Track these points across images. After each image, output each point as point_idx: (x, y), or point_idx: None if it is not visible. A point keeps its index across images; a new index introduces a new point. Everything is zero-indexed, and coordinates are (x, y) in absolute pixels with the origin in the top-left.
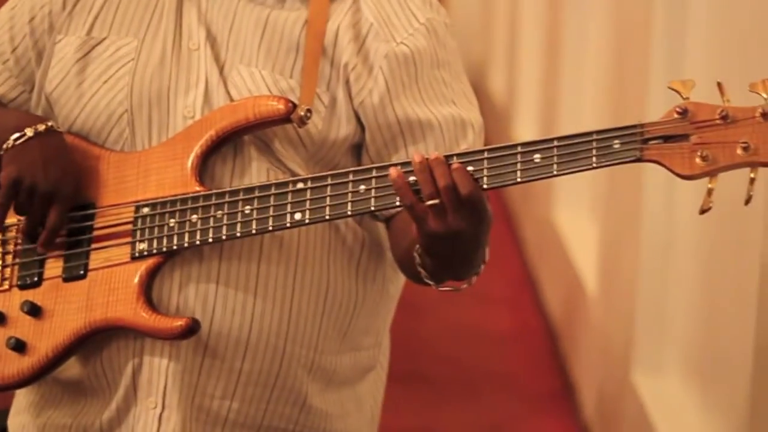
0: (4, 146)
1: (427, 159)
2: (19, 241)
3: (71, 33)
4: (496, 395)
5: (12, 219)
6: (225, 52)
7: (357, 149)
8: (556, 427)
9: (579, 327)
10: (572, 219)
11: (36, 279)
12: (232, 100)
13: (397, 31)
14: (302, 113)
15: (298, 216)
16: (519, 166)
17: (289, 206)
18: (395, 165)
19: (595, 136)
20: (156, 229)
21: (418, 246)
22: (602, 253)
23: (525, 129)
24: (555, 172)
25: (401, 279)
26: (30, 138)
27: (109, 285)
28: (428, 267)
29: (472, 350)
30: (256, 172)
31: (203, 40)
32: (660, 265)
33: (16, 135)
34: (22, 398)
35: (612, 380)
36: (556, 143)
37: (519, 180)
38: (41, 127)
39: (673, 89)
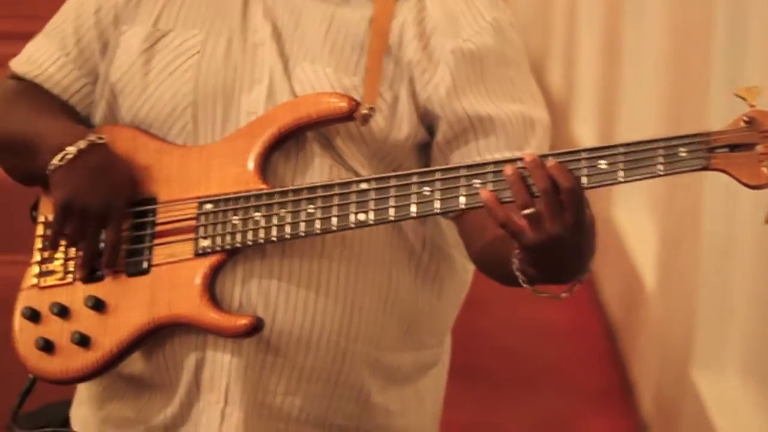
0: (50, 167)
1: (519, 169)
2: None
3: (137, 24)
4: (554, 391)
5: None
6: (289, 48)
7: (420, 148)
8: (614, 424)
9: (638, 324)
10: (631, 216)
11: (99, 273)
12: (295, 96)
13: (464, 28)
14: (365, 111)
15: (362, 216)
16: (585, 171)
17: (353, 206)
18: (460, 167)
19: (661, 144)
20: (219, 226)
21: (517, 251)
22: (661, 250)
23: (583, 124)
24: (621, 179)
25: (467, 278)
26: (74, 157)
27: (173, 281)
28: (529, 274)
29: (530, 345)
30: (319, 169)
31: (268, 35)
32: (720, 262)
33: (59, 155)
34: (84, 390)
35: (671, 378)
36: (621, 149)
37: (585, 185)
38: (82, 144)
39: (739, 96)
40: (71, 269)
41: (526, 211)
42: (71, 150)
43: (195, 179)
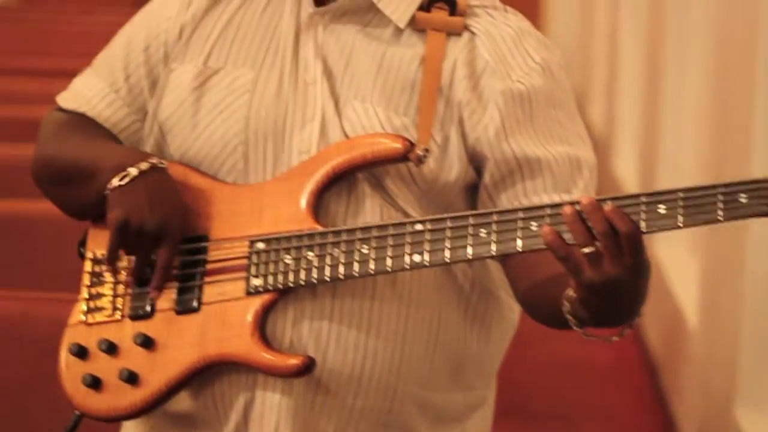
0: (109, 186)
1: (577, 208)
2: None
3: (187, 62)
4: (596, 429)
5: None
6: (340, 86)
7: (469, 189)
8: None
9: (680, 362)
10: (673, 253)
11: (148, 310)
12: (346, 136)
13: (513, 69)
14: (420, 153)
15: (417, 258)
16: (643, 216)
17: (407, 247)
18: (517, 210)
19: (721, 189)
20: (271, 265)
21: (569, 293)
22: (704, 287)
23: (624, 161)
24: (680, 224)
25: (514, 319)
26: (134, 178)
27: (223, 320)
28: (579, 316)
29: (572, 384)
30: (370, 209)
31: (320, 73)
32: (763, 300)
33: (121, 175)
34: (131, 428)
35: (714, 416)
36: (681, 195)
37: (644, 231)
38: (144, 166)
39: None
40: (120, 306)
41: (586, 250)
42: (132, 171)
43: (246, 218)
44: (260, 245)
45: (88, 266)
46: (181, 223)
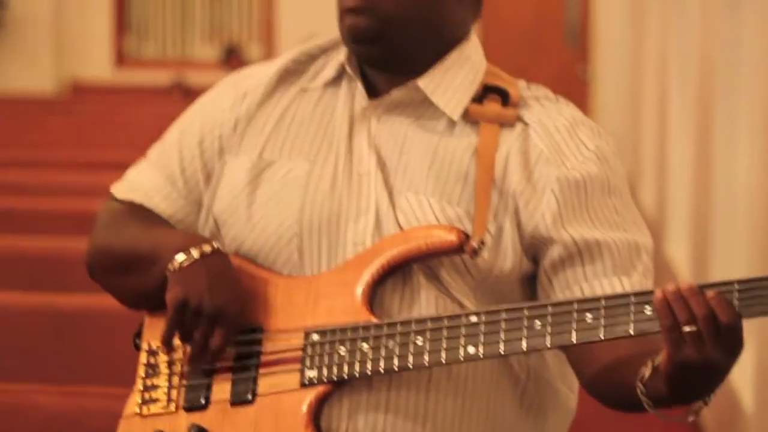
0: (170, 267)
1: (673, 292)
2: (186, 362)
3: (242, 154)
4: None
5: (178, 340)
6: (394, 178)
7: (525, 280)
8: None
9: None
10: None
11: (203, 402)
12: (400, 227)
13: (568, 158)
14: (475, 245)
15: (471, 350)
16: (736, 302)
17: (462, 339)
18: (572, 302)
19: None
20: (326, 357)
21: (644, 374)
22: (759, 372)
23: (676, 245)
24: None
25: (571, 408)
26: (196, 259)
27: (278, 411)
28: (654, 396)
29: None
30: (425, 300)
31: (374, 165)
32: None
33: (183, 257)
34: None
35: None
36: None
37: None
38: (207, 248)
39: None
40: (174, 397)
41: (687, 328)
42: (194, 253)
43: (301, 310)
44: (315, 337)
45: (143, 357)
46: (239, 309)
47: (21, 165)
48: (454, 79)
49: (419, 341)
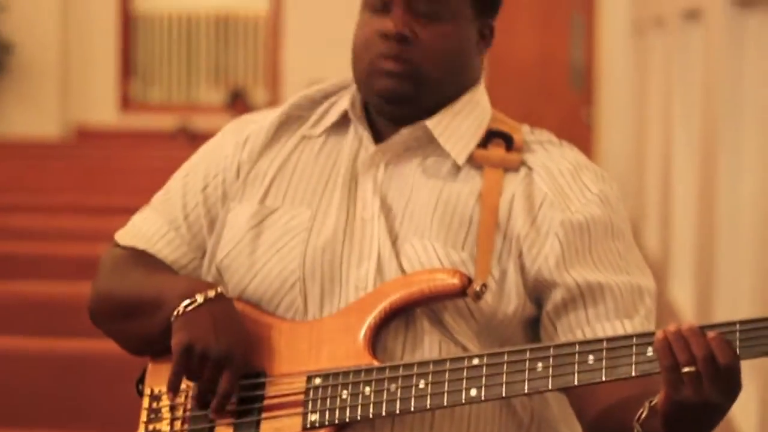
0: (175, 312)
1: (674, 333)
2: (189, 407)
3: (245, 201)
4: None
5: (181, 384)
6: (399, 223)
7: (528, 323)
8: None
9: None
10: None
11: None
12: (403, 272)
13: (572, 201)
14: (478, 288)
15: (473, 392)
16: (737, 343)
17: (464, 382)
18: (573, 343)
19: None
20: (328, 401)
21: (642, 414)
22: (762, 412)
23: (680, 287)
24: None
25: None
26: (200, 304)
27: None
28: None
29: None
30: (429, 344)
31: (377, 210)
32: None
33: (187, 301)
34: None
35: None
36: None
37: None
38: (211, 293)
39: None
40: None
41: (687, 369)
42: (199, 298)
43: (304, 354)
44: (317, 381)
45: (146, 402)
46: (244, 353)
47: (25, 209)
48: (462, 124)
49: (421, 384)
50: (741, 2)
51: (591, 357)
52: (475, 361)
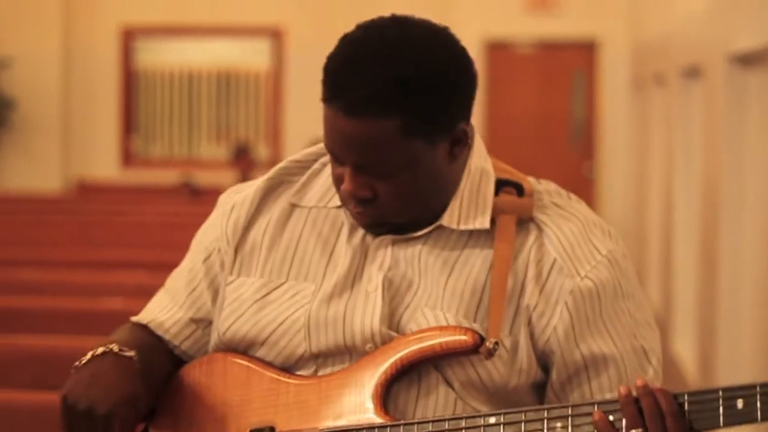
0: (72, 369)
1: (631, 391)
2: None
3: (243, 274)
4: None
5: None
6: (410, 296)
7: (536, 386)
8: None
9: None
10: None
11: None
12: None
13: (581, 264)
14: (490, 346)
15: None
16: (722, 411)
17: None
18: (593, 403)
19: None
20: None
21: None
22: None
23: (682, 340)
24: (759, 418)
25: None
26: (88, 360)
27: None
28: None
29: None
30: (441, 402)
31: (380, 283)
32: None
33: (81, 358)
34: None
35: None
36: (759, 389)
37: (722, 425)
38: (100, 349)
39: None
40: None
41: (633, 431)
42: (89, 354)
43: (314, 409)
44: None
45: None
46: (127, 408)
47: (27, 264)
48: (473, 200)
49: None
50: (741, 60)
51: (611, 417)
52: (492, 420)
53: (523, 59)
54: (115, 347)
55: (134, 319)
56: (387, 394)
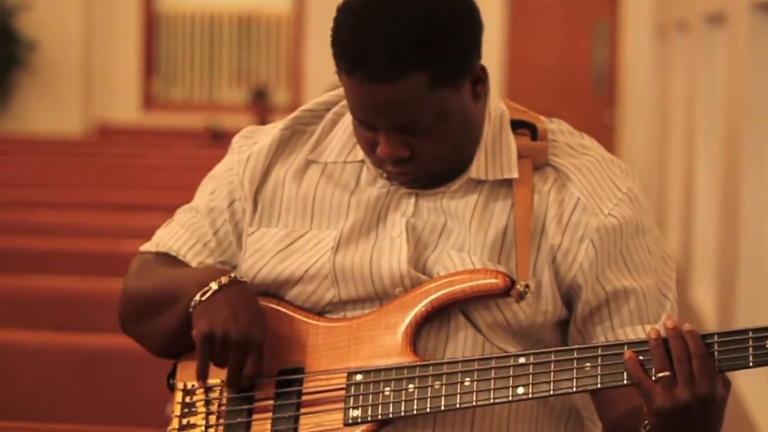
0: (193, 303)
1: (661, 335)
2: (224, 401)
3: (263, 225)
4: None
5: (215, 379)
6: (436, 239)
7: (560, 324)
8: None
9: None
10: (754, 385)
11: None
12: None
13: (603, 202)
14: (521, 289)
15: (521, 390)
16: (751, 351)
17: (510, 380)
18: (623, 344)
19: None
20: (370, 397)
21: (646, 423)
22: None
23: (702, 289)
24: None
25: None
26: (215, 291)
27: None
28: None
29: None
30: (470, 344)
31: (404, 228)
32: None
33: (202, 291)
34: None
35: None
36: None
37: (751, 365)
38: (224, 279)
39: None
40: None
41: (660, 374)
42: (213, 285)
43: (343, 350)
44: (358, 377)
45: (179, 397)
46: (263, 331)
47: (47, 206)
48: (497, 150)
49: (467, 382)
50: (765, 7)
51: (641, 357)
52: (521, 360)
53: (544, 7)
54: (236, 275)
55: (162, 250)
56: (416, 337)
